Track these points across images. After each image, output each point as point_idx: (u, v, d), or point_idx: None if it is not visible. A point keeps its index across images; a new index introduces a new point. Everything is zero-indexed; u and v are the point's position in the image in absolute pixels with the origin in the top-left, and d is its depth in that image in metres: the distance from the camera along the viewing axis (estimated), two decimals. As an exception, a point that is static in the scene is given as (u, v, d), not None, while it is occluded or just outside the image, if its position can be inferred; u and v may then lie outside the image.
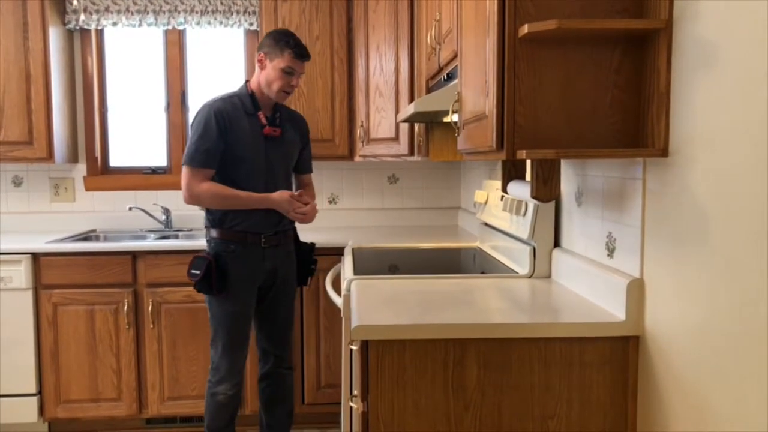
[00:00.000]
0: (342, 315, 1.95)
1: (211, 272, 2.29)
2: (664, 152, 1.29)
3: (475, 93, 1.60)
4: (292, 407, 2.64)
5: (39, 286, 2.89)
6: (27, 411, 2.88)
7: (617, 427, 1.44)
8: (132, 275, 2.92)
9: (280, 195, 2.36)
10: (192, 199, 2.33)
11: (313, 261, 2.60)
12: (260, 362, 2.59)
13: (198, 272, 2.30)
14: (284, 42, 2.33)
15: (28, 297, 2.86)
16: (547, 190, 1.46)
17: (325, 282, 2.36)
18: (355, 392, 1.83)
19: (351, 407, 1.85)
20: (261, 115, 2.40)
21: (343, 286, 1.99)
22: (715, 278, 1.14)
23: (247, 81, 2.46)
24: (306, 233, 3.23)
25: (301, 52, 2.35)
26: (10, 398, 2.86)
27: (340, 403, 2.69)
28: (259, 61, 2.39)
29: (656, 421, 1.36)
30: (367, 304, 1.62)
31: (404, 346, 1.42)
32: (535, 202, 1.89)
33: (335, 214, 3.54)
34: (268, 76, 2.37)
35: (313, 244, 2.62)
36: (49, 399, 2.91)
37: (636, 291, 1.41)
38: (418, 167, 3.58)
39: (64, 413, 2.92)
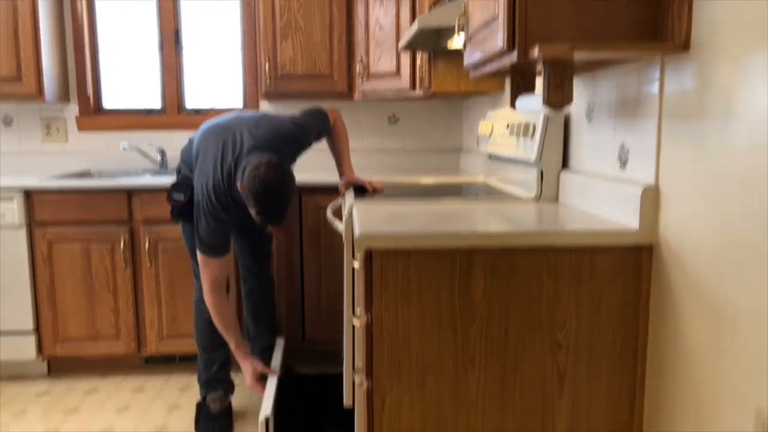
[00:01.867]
0: (344, 240, 1.90)
1: (192, 198, 2.25)
2: (685, 46, 1.22)
3: (482, 3, 1.51)
4: (275, 317, 2.78)
5: (33, 223, 2.83)
6: (25, 348, 2.85)
7: (628, 338, 1.40)
8: (128, 213, 2.86)
9: (248, 367, 2.36)
10: (207, 297, 2.29)
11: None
12: (242, 279, 2.68)
13: (181, 197, 2.27)
14: (254, 206, 2.03)
15: (22, 234, 2.81)
16: (559, 94, 1.39)
17: (325, 223, 2.30)
18: (357, 311, 1.80)
19: (353, 325, 1.81)
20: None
21: (345, 211, 1.94)
22: (737, 179, 1.08)
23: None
24: (303, 173, 3.17)
25: (269, 221, 2.07)
26: (7, 336, 2.84)
27: (340, 341, 2.67)
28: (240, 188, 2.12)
29: (668, 331, 1.32)
30: (371, 221, 1.56)
31: (409, 257, 1.37)
32: (545, 117, 1.83)
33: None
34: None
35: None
36: (47, 337, 2.88)
37: (650, 198, 1.36)
38: (419, 107, 3.50)
39: (63, 351, 2.89)
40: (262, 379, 2.36)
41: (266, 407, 2.00)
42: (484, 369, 1.40)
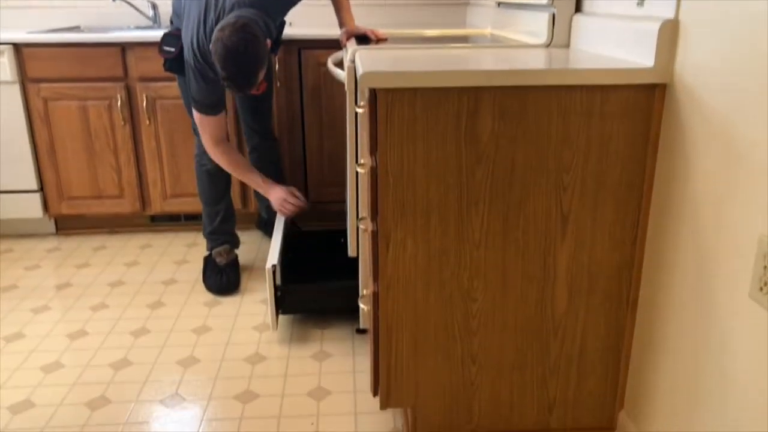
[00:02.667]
0: (346, 89, 1.85)
1: (182, 49, 2.20)
2: None
3: None
4: (282, 172, 2.79)
5: (25, 79, 2.76)
6: (32, 207, 2.88)
7: (634, 179, 1.40)
8: (123, 69, 2.77)
9: (274, 193, 2.34)
10: (213, 154, 2.29)
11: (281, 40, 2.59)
12: (246, 137, 2.69)
13: (171, 49, 2.22)
14: (220, 70, 1.97)
15: (16, 91, 2.74)
16: None
17: (327, 63, 2.22)
18: (361, 159, 1.78)
19: (357, 172, 1.81)
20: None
21: (347, 58, 1.87)
22: (765, 14, 1.01)
23: None
24: (302, 27, 3.04)
25: (234, 89, 2.02)
26: (12, 194, 2.85)
27: (344, 202, 2.69)
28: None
29: (676, 170, 1.30)
30: (375, 64, 1.50)
31: (415, 95, 1.33)
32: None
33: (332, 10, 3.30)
34: None
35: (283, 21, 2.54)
36: (52, 196, 2.90)
37: (668, 34, 1.29)
38: (424, -44, 3.28)
39: (69, 210, 2.92)
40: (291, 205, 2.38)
41: (273, 257, 2.04)
42: (489, 210, 1.40)
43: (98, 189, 2.91)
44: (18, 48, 2.71)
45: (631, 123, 1.36)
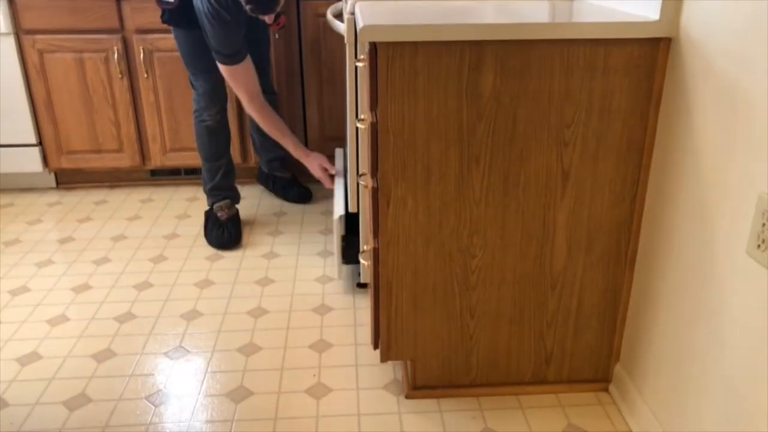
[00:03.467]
0: (346, 41, 1.82)
1: (184, 1, 2.17)
2: None
3: None
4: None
5: (20, 31, 2.71)
6: (31, 160, 2.88)
7: (635, 135, 1.39)
8: (118, 20, 2.72)
9: (313, 161, 2.42)
10: (249, 109, 2.35)
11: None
12: None
13: (170, 0, 2.20)
14: None
15: (11, 42, 2.70)
16: None
17: (326, 14, 2.18)
18: (361, 115, 1.76)
19: (357, 128, 1.80)
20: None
21: (346, 9, 1.83)
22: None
23: None
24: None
25: (259, 10, 2.02)
26: (11, 148, 2.84)
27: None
28: None
29: (679, 126, 1.30)
30: (375, 17, 1.47)
31: (416, 50, 1.31)
32: None
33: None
34: None
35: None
36: (51, 150, 2.89)
37: (675, -14, 1.27)
38: None
39: (69, 164, 2.92)
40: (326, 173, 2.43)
41: (339, 207, 2.04)
42: (489, 167, 1.40)
43: (97, 143, 2.90)
44: (11, -2, 2.66)
45: (634, 78, 1.34)
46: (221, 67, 2.22)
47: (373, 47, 1.33)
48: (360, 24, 1.33)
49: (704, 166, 1.21)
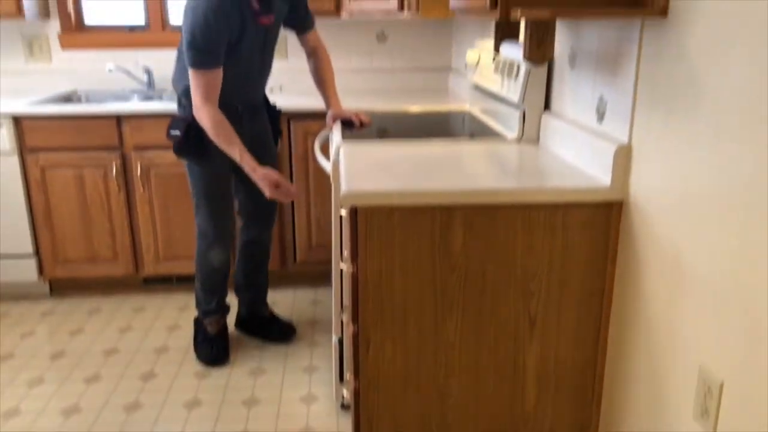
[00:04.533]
0: (331, 180, 1.96)
1: (190, 133, 2.21)
2: (663, 12, 1.23)
3: (468, -55, 1.49)
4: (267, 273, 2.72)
5: (24, 149, 2.86)
6: (27, 270, 2.96)
7: (595, 288, 1.51)
8: (118, 139, 2.88)
9: (265, 176, 2.11)
10: (200, 112, 2.13)
11: (278, 130, 2.54)
12: (243, 229, 2.57)
13: (177, 132, 2.23)
14: None
15: (15, 160, 2.84)
16: (540, 52, 1.41)
17: (314, 146, 2.34)
18: (344, 254, 1.88)
19: (341, 269, 1.91)
20: (253, 0, 2.14)
21: (332, 151, 1.98)
22: (702, 146, 1.14)
23: None
24: (293, 95, 3.16)
25: None
26: (9, 259, 2.94)
27: (331, 262, 2.78)
28: None
29: (633, 281, 1.42)
30: (356, 169, 1.62)
31: (392, 212, 1.44)
32: (528, 64, 1.84)
33: (323, 75, 3.44)
34: None
35: (279, 111, 2.55)
36: (47, 259, 2.98)
37: (623, 157, 1.42)
38: (409, 24, 3.43)
39: (63, 272, 3.01)
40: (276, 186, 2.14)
41: (337, 330, 2.06)
42: (462, 315, 1.51)
43: (93, 252, 3.00)
44: (18, 120, 2.82)
45: (591, 236, 1.48)
46: (189, 69, 2.10)
47: (354, 208, 1.46)
48: (343, 188, 1.47)
49: (655, 326, 1.32)
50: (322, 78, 2.49)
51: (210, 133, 2.15)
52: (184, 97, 2.26)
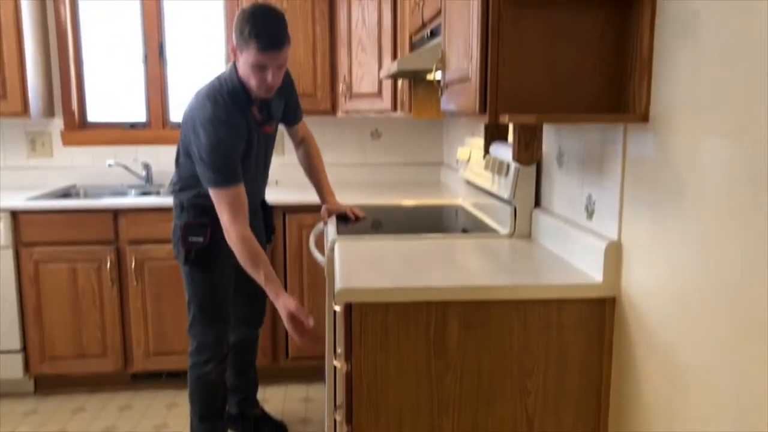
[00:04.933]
0: (326, 275, 1.97)
1: (213, 241, 2.10)
2: (644, 118, 1.29)
3: (458, 54, 1.58)
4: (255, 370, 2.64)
5: (19, 243, 2.87)
6: (12, 367, 2.90)
7: (592, 384, 1.49)
8: (114, 232, 2.90)
9: (285, 306, 1.93)
10: (230, 232, 1.99)
11: (272, 228, 2.51)
12: (233, 330, 2.40)
13: (200, 239, 2.13)
14: (248, 32, 1.91)
15: (9, 255, 2.84)
16: (528, 153, 1.47)
17: (308, 241, 2.36)
18: (338, 350, 1.86)
19: (335, 366, 1.89)
20: (255, 110, 2.10)
21: (327, 246, 2.00)
22: (690, 243, 1.16)
23: (235, 64, 2.06)
24: (288, 190, 3.22)
25: (265, 43, 1.91)
26: (-6, 355, 2.88)
27: (324, 357, 2.74)
28: (232, 51, 2.03)
29: (629, 379, 1.41)
30: (351, 265, 1.63)
31: (387, 309, 1.44)
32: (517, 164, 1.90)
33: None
34: (242, 71, 2.01)
35: (272, 208, 2.52)
36: (34, 355, 2.92)
37: (613, 253, 1.44)
38: (402, 122, 3.56)
39: (50, 369, 2.94)
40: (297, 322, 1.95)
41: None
42: (458, 414, 1.48)
43: (81, 348, 2.95)
44: (15, 214, 2.84)
45: (586, 333, 1.48)
46: (211, 191, 2.02)
47: (349, 304, 1.47)
48: (338, 284, 1.48)
49: (654, 425, 1.30)
50: (313, 168, 2.49)
51: (238, 254, 2.01)
52: (189, 209, 2.18)
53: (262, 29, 1.90)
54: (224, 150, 2.00)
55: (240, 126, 2.05)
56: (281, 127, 2.41)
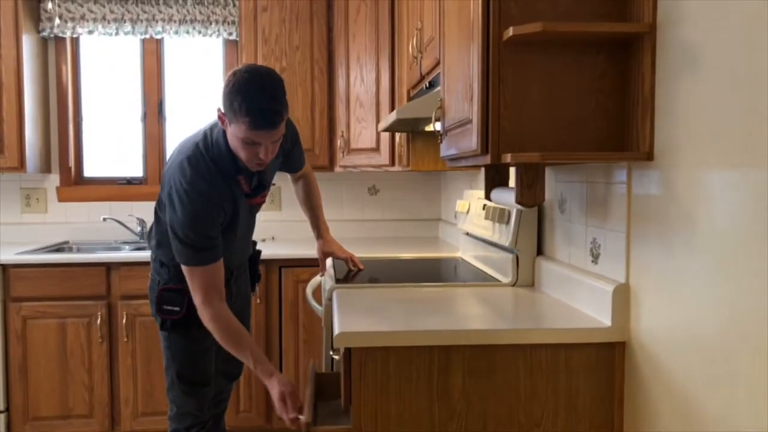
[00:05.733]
0: (323, 324, 1.92)
1: (191, 309, 1.86)
2: (649, 156, 1.28)
3: (458, 99, 1.58)
4: None
5: (8, 298, 2.80)
6: (-7, 429, 2.78)
7: (604, 433, 1.42)
8: (106, 287, 2.84)
9: (274, 389, 1.75)
10: (203, 314, 1.81)
11: (258, 272, 2.26)
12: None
13: (177, 308, 1.92)
14: (237, 105, 1.65)
15: (-3, 310, 2.77)
16: (531, 195, 1.45)
17: (305, 292, 2.31)
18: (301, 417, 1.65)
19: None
20: (242, 180, 1.86)
21: (324, 295, 1.96)
22: (702, 282, 1.13)
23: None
24: (285, 244, 3.19)
25: (257, 123, 1.65)
26: (-25, 416, 2.76)
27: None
28: (220, 119, 1.78)
29: (643, 428, 1.34)
30: (349, 311, 1.58)
31: (388, 354, 1.39)
32: (519, 208, 1.88)
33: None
34: (231, 143, 1.77)
35: (259, 251, 2.26)
36: (17, 417, 2.80)
37: (622, 296, 1.40)
38: (399, 178, 3.57)
39: (33, 431, 2.81)
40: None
41: None
42: (463, 467, 1.40)
43: (67, 408, 2.83)
44: (5, 268, 2.79)
45: (595, 378, 1.42)
46: (184, 268, 1.80)
47: (348, 350, 1.41)
48: (336, 328, 1.42)
49: (673, 475, 1.23)
50: (311, 201, 2.35)
51: (214, 333, 1.82)
52: (165, 268, 1.99)
53: (254, 105, 1.64)
54: (202, 226, 1.76)
55: (223, 197, 1.82)
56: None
